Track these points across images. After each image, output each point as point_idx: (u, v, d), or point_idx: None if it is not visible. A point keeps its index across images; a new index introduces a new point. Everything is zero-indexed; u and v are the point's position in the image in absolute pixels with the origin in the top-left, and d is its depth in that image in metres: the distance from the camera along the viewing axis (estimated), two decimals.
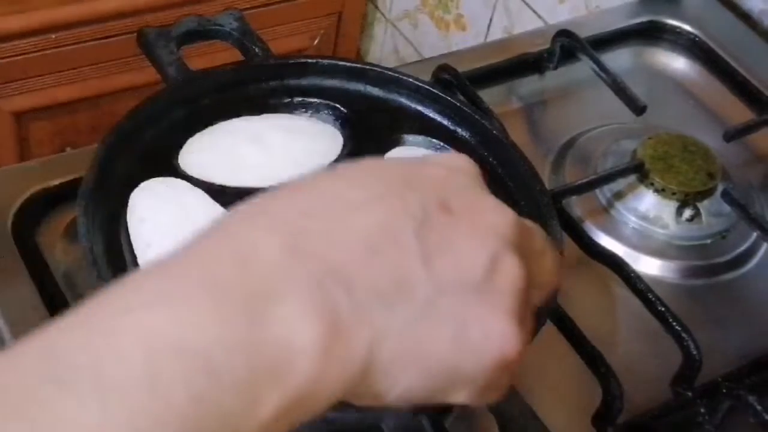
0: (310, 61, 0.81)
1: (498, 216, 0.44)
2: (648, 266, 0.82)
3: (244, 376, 0.36)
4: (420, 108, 0.80)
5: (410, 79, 0.80)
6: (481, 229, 0.42)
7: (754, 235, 0.85)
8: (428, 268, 0.40)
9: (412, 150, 0.78)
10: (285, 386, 0.37)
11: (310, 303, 0.38)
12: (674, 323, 0.73)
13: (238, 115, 0.77)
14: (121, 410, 0.33)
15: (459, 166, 0.46)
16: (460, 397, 0.42)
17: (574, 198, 0.84)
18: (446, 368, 0.41)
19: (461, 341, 0.41)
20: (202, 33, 0.80)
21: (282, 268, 0.38)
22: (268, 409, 0.36)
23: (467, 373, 0.41)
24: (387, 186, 0.43)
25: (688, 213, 0.84)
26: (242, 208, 0.43)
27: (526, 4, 1.39)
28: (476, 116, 0.78)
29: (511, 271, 0.42)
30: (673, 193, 0.85)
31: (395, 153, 0.77)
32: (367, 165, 0.46)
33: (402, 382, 0.40)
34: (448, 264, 0.41)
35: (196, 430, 0.34)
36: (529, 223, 0.47)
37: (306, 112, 0.79)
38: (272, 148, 0.76)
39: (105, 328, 0.36)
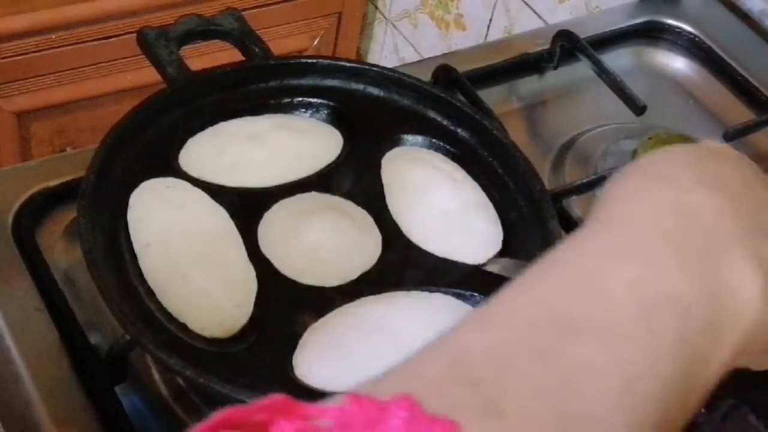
0: (310, 61, 0.81)
1: None
2: None
3: (711, 319, 0.39)
4: (420, 108, 0.80)
5: (410, 79, 0.80)
6: None
7: None
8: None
9: (411, 150, 0.78)
10: (738, 329, 0.40)
11: (749, 254, 0.42)
12: None
13: (238, 115, 0.77)
14: (629, 350, 0.37)
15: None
16: None
17: (574, 198, 0.84)
18: None
19: None
20: (202, 33, 0.80)
21: (718, 222, 0.42)
22: (726, 350, 0.40)
23: None
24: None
25: None
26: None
27: (526, 4, 1.39)
28: (476, 116, 0.78)
29: None
30: None
31: (394, 153, 0.77)
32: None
33: None
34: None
35: (681, 369, 0.38)
36: None
37: (306, 112, 0.79)
38: (272, 148, 0.76)
39: (595, 283, 0.39)
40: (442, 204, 0.74)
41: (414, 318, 0.67)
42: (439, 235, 0.72)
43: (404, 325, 0.66)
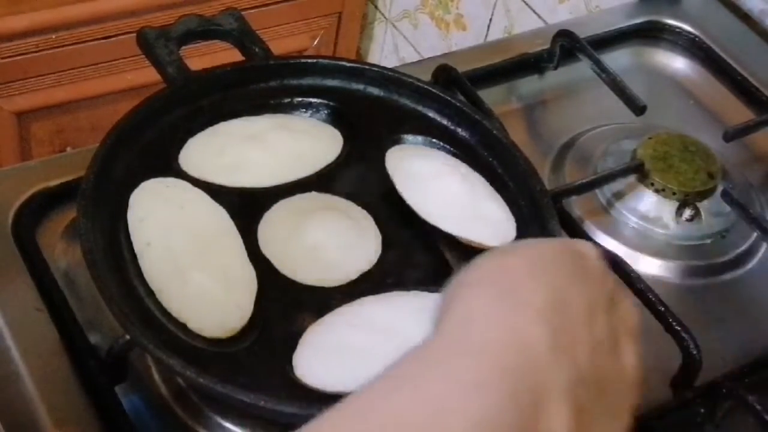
0: (310, 61, 0.81)
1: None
2: (648, 266, 0.82)
3: None
4: (420, 108, 0.80)
5: (410, 79, 0.80)
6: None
7: (754, 235, 0.85)
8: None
9: (409, 148, 0.78)
10: None
11: (569, 404, 0.42)
12: (674, 323, 0.73)
13: (238, 115, 0.77)
14: None
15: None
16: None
17: (574, 198, 0.84)
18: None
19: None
20: (202, 33, 0.80)
21: (551, 365, 0.42)
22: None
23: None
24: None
25: (688, 213, 0.84)
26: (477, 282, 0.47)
27: (526, 4, 1.39)
28: (476, 116, 0.78)
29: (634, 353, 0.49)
30: (673, 193, 0.85)
31: (398, 149, 0.77)
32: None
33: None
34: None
35: None
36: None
37: (306, 112, 0.79)
38: (272, 148, 0.76)
39: (439, 417, 0.39)
40: (454, 190, 0.73)
41: (414, 318, 0.67)
42: (456, 217, 0.72)
43: (404, 325, 0.66)
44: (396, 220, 0.73)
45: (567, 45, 0.94)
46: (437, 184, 0.74)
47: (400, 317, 0.66)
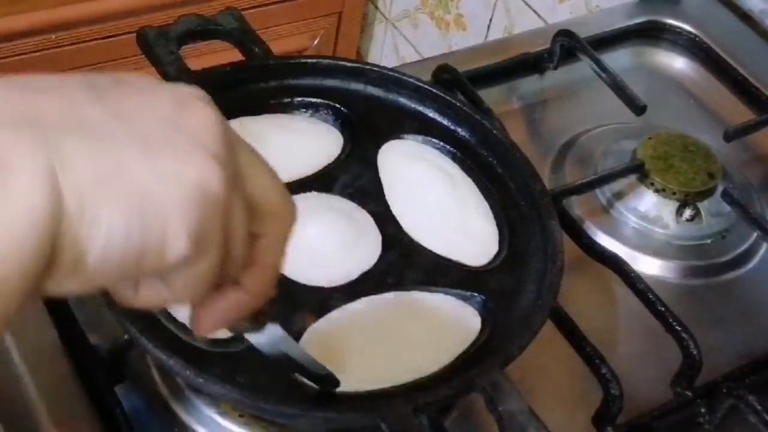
0: (310, 61, 0.80)
1: (186, 86, 0.42)
2: (648, 266, 0.82)
3: None
4: (420, 108, 0.80)
5: (410, 79, 0.80)
6: (162, 87, 0.41)
7: (754, 235, 0.85)
8: (104, 104, 0.38)
9: (408, 144, 0.78)
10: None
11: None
12: (674, 323, 0.73)
13: (237, 115, 0.77)
14: None
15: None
16: (176, 246, 0.38)
17: (574, 198, 0.84)
18: (144, 193, 0.37)
19: (156, 163, 0.38)
20: (202, 33, 0.80)
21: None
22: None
23: (170, 199, 0.38)
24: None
25: (688, 213, 0.84)
26: None
27: (526, 4, 1.39)
28: (476, 116, 0.78)
29: (202, 112, 0.41)
30: (673, 193, 0.85)
31: (390, 145, 0.77)
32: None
33: (102, 216, 0.36)
34: (128, 103, 0.39)
35: None
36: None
37: (306, 112, 0.79)
38: (272, 147, 0.75)
39: None
40: (441, 200, 0.74)
41: (414, 318, 0.67)
42: (437, 233, 0.72)
43: (404, 325, 0.66)
44: (396, 220, 0.73)
45: (567, 45, 0.94)
46: (425, 193, 0.74)
47: (400, 317, 0.66)
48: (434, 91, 0.80)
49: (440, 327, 0.67)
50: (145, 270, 0.39)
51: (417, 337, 0.66)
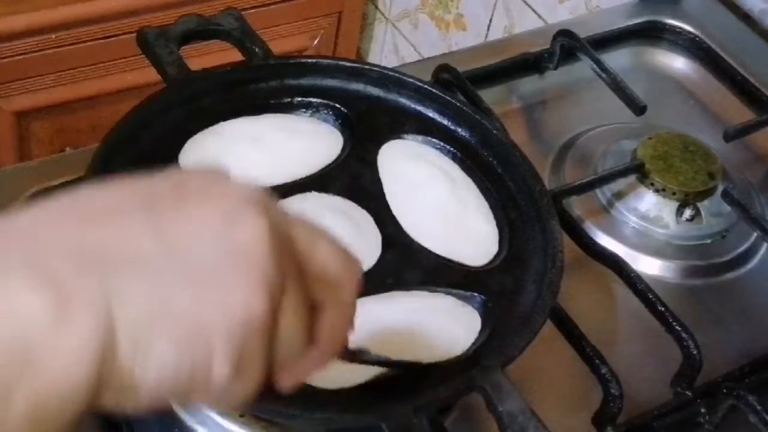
0: (310, 61, 0.81)
1: (235, 184, 0.43)
2: (648, 266, 0.82)
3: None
4: (420, 108, 0.80)
5: (410, 79, 0.80)
6: (214, 194, 0.42)
7: (754, 235, 0.85)
8: (157, 233, 0.40)
9: (408, 144, 0.78)
10: (33, 369, 0.36)
11: (32, 274, 0.36)
12: (674, 323, 0.73)
13: (238, 115, 0.77)
14: None
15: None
16: (220, 372, 0.40)
17: (574, 198, 0.84)
18: (193, 324, 0.39)
19: (203, 296, 0.40)
20: (202, 33, 0.80)
21: None
22: (21, 402, 0.36)
23: (216, 328, 0.40)
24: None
25: (688, 213, 0.84)
26: None
27: (526, 4, 1.39)
28: (476, 116, 0.78)
29: (251, 224, 0.41)
30: (673, 193, 0.85)
31: (390, 145, 0.77)
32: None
33: (154, 350, 0.38)
34: (179, 227, 0.40)
35: None
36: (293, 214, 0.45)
37: (306, 112, 0.79)
38: (272, 148, 0.76)
39: None
40: (441, 201, 0.74)
41: (414, 318, 0.67)
42: (437, 233, 0.72)
43: (404, 326, 0.66)
44: (396, 220, 0.73)
45: (567, 45, 0.94)
46: (425, 193, 0.74)
47: (400, 317, 0.66)
48: (434, 91, 0.80)
49: (440, 327, 0.67)
50: (195, 390, 0.41)
51: (417, 337, 0.66)
